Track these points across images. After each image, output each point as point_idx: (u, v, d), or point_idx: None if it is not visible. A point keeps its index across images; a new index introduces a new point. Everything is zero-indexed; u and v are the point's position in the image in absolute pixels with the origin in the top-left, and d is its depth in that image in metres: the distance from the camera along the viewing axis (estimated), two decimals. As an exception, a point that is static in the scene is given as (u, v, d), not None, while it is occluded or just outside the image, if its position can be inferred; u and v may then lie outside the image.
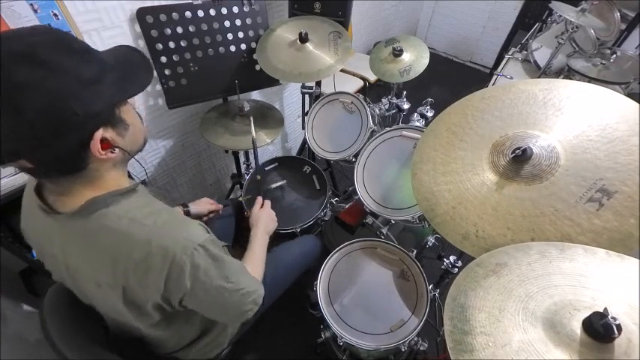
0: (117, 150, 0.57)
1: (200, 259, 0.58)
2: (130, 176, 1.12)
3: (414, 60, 1.28)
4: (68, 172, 0.54)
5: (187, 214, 1.06)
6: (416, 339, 0.99)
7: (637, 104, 0.62)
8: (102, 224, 0.55)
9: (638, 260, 0.49)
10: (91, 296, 0.66)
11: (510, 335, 0.45)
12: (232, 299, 0.67)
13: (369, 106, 1.29)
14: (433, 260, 1.20)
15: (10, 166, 0.50)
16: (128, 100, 0.59)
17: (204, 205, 1.12)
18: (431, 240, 1.19)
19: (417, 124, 1.23)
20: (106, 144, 0.54)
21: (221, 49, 1.25)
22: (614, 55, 1.80)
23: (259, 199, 1.12)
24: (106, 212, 0.56)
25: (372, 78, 2.13)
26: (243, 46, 1.30)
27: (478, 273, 0.55)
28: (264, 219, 1.04)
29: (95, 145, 0.52)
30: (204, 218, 1.13)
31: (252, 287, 0.72)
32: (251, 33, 1.29)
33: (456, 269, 1.09)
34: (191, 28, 1.17)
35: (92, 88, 0.50)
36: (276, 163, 1.44)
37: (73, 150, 0.51)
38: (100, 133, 0.52)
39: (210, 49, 1.23)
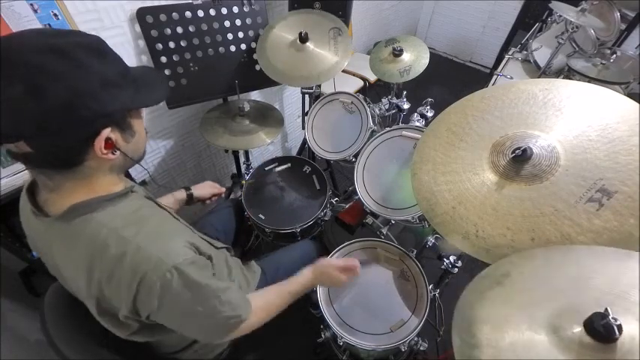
0: (118, 153, 0.57)
1: (173, 282, 0.55)
2: (128, 177, 1.13)
3: (414, 60, 1.28)
4: (64, 164, 0.54)
5: (190, 197, 1.07)
6: (416, 339, 0.98)
7: (637, 104, 0.61)
8: (82, 231, 0.55)
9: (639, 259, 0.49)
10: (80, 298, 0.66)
11: (515, 345, 0.44)
12: (207, 322, 0.64)
13: (369, 106, 1.29)
14: (433, 260, 1.20)
15: (7, 148, 0.51)
16: (141, 112, 0.62)
17: (207, 188, 1.12)
18: (431, 240, 1.19)
19: (417, 124, 1.23)
20: (109, 144, 0.55)
21: (221, 49, 1.25)
22: (614, 55, 1.80)
23: (356, 261, 0.92)
24: (89, 218, 0.56)
25: (372, 78, 2.13)
26: (243, 46, 1.30)
27: (483, 285, 0.55)
28: (329, 274, 0.88)
29: (99, 142, 0.53)
30: (207, 202, 1.13)
31: (237, 311, 0.66)
32: (251, 33, 1.29)
33: (456, 269, 1.09)
34: (191, 28, 1.17)
35: (111, 90, 0.53)
36: (276, 163, 1.44)
37: (77, 142, 0.52)
38: (107, 132, 0.53)
39: (210, 49, 1.23)
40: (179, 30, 1.15)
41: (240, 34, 1.27)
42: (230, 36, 1.25)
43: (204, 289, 0.60)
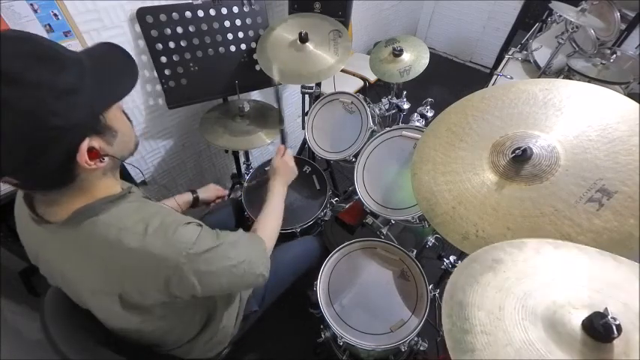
0: (106, 158, 0.55)
1: (196, 255, 0.58)
2: (129, 177, 1.13)
3: (414, 60, 1.28)
4: (56, 185, 0.53)
5: (196, 200, 1.08)
6: (416, 339, 0.98)
7: (637, 104, 0.62)
8: (91, 233, 0.55)
9: (637, 260, 0.49)
10: (88, 303, 0.66)
11: (511, 334, 0.44)
12: (241, 271, 0.67)
13: (369, 106, 1.29)
14: (433, 260, 1.20)
15: None
16: (115, 103, 0.57)
17: (212, 191, 1.13)
18: (431, 240, 1.19)
19: (417, 124, 1.23)
20: (94, 153, 0.52)
21: (221, 49, 1.25)
22: (614, 55, 1.81)
23: (281, 147, 1.10)
24: (95, 221, 0.55)
25: (372, 78, 2.13)
26: (243, 46, 1.30)
27: (475, 269, 0.54)
28: (283, 168, 1.03)
29: (82, 156, 0.50)
30: (212, 205, 1.15)
31: (254, 253, 0.73)
32: (251, 33, 1.29)
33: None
34: (191, 28, 1.17)
35: (70, 98, 0.47)
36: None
37: (59, 164, 0.49)
38: (86, 144, 0.50)
39: (210, 49, 1.23)
40: (179, 30, 1.15)
41: (240, 34, 1.27)
42: (230, 36, 1.25)
43: (219, 247, 0.63)
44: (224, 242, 0.65)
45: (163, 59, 1.16)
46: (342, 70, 2.17)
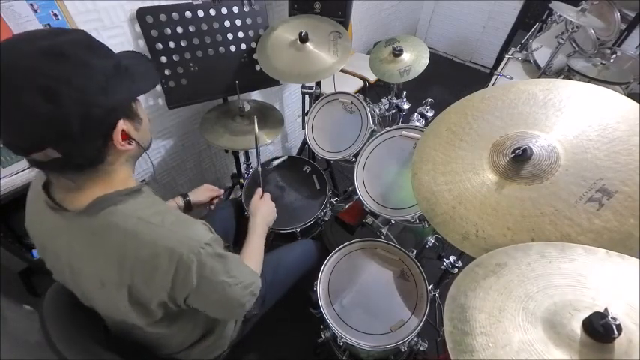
0: (133, 143, 0.59)
1: (206, 257, 0.60)
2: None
3: (414, 60, 1.28)
4: (90, 164, 0.56)
5: (188, 203, 1.05)
6: (416, 339, 0.98)
7: (637, 104, 0.62)
8: (109, 222, 0.56)
9: (638, 260, 0.49)
10: (93, 296, 0.66)
11: (510, 335, 0.45)
12: (233, 292, 0.68)
13: (369, 106, 1.29)
14: (433, 260, 1.20)
15: (34, 157, 0.51)
16: (138, 98, 0.62)
17: (204, 192, 1.10)
18: (431, 240, 1.19)
19: (417, 124, 1.23)
20: (124, 135, 0.57)
21: (221, 49, 1.26)
22: (614, 55, 1.81)
23: (259, 190, 1.12)
24: (114, 210, 0.57)
25: (372, 78, 2.13)
26: (243, 46, 1.30)
27: (478, 273, 0.55)
28: (263, 209, 1.04)
29: (117, 135, 0.55)
30: (210, 207, 1.13)
31: (250, 279, 0.74)
32: (251, 33, 1.29)
33: (456, 269, 1.09)
34: (191, 28, 1.17)
35: (114, 82, 0.53)
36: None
37: (98, 140, 0.54)
38: (122, 124, 0.55)
39: (210, 49, 1.23)
40: (179, 30, 1.15)
41: (240, 34, 1.27)
42: (230, 36, 1.25)
43: (228, 259, 0.66)
44: (229, 257, 0.67)
45: (163, 59, 1.16)
46: (342, 70, 2.17)
